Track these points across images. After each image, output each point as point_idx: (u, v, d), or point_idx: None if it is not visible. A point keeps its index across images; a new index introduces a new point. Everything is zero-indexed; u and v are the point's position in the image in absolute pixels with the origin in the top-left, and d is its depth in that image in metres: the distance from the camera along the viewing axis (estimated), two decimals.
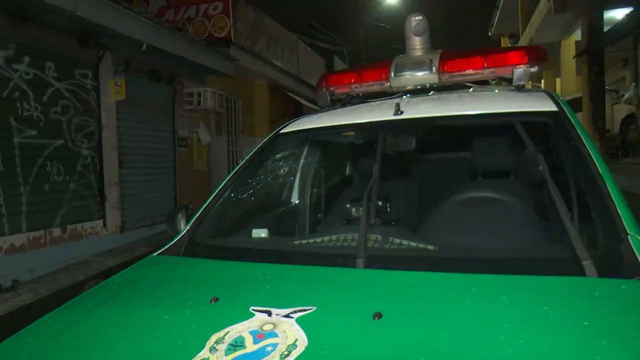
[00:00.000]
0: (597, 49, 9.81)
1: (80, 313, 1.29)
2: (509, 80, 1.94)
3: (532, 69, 1.88)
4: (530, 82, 1.98)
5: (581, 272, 1.14)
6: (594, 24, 9.96)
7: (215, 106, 8.10)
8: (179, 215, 1.88)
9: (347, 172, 3.09)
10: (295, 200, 2.60)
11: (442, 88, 2.16)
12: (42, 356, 1.11)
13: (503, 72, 1.92)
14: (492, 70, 1.93)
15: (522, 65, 1.87)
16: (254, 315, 1.10)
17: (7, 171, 4.84)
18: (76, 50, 5.68)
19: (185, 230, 1.79)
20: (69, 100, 5.62)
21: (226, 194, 1.92)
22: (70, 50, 5.60)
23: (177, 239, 1.77)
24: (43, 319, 1.30)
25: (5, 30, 4.83)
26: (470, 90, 2.13)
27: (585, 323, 0.97)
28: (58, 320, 1.28)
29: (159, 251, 1.74)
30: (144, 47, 6.09)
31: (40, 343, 1.16)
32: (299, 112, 10.67)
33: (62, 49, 5.50)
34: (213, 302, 1.20)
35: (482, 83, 2.13)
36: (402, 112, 1.81)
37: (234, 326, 1.07)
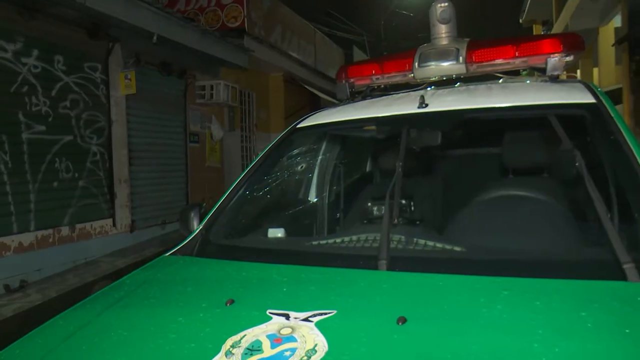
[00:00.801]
0: (638, 36, 9.60)
1: (91, 314, 1.32)
2: (542, 71, 1.92)
3: (568, 58, 1.86)
4: (565, 72, 1.97)
5: (622, 277, 1.13)
6: (635, 9, 9.73)
7: (229, 100, 8.18)
8: (192, 214, 1.91)
9: (368, 168, 3.07)
10: (313, 198, 2.62)
11: (469, 79, 2.15)
12: (53, 358, 1.13)
13: (536, 61, 1.90)
14: (524, 59, 1.92)
15: (556, 54, 1.85)
16: (271, 318, 1.11)
17: (15, 168, 4.96)
18: (85, 42, 5.78)
19: (198, 230, 1.81)
20: (77, 94, 5.73)
21: (240, 191, 1.94)
22: (79, 43, 5.71)
23: (189, 238, 1.80)
24: (53, 320, 1.33)
25: (14, 23, 4.94)
26: (500, 81, 2.12)
27: (627, 331, 0.96)
28: (69, 321, 1.31)
29: (171, 251, 1.76)
30: (155, 38, 6.17)
31: (50, 345, 1.18)
32: (316, 105, 10.70)
33: (71, 41, 5.60)
34: (228, 305, 1.21)
35: (513, 74, 2.12)
36: (426, 105, 1.81)
37: (250, 330, 1.07)
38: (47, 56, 5.33)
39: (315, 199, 2.61)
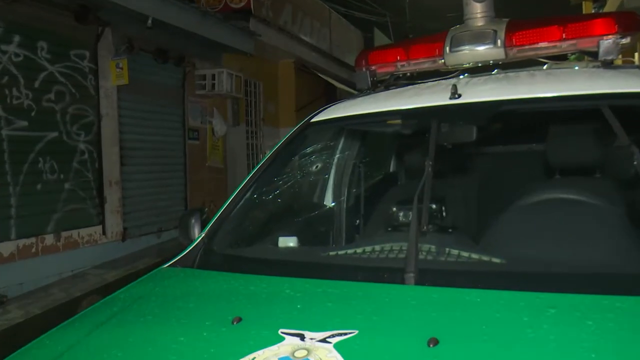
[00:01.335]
0: None
1: (81, 333, 1.33)
2: (594, 55, 1.91)
3: (623, 40, 1.84)
4: (620, 56, 1.98)
5: None
6: None
7: (233, 91, 8.23)
8: (193, 220, 1.93)
9: (392, 168, 3.08)
10: (329, 202, 2.62)
11: (509, 65, 2.15)
12: None
13: (586, 44, 1.90)
14: (572, 42, 1.91)
15: (610, 36, 1.83)
16: (283, 339, 1.12)
17: None
18: (72, 27, 5.87)
19: (200, 238, 1.83)
20: (63, 85, 5.81)
21: (247, 195, 1.96)
22: (65, 27, 5.79)
23: (190, 248, 1.81)
24: (39, 341, 1.35)
25: None
26: (545, 67, 2.11)
27: None
28: (56, 341, 1.33)
29: (170, 262, 1.78)
30: (150, 22, 6.23)
31: None
32: (332, 96, 10.70)
33: (56, 26, 5.69)
34: (235, 323, 1.22)
35: (560, 58, 2.10)
36: (459, 96, 1.81)
37: (260, 351, 1.08)
38: (30, 43, 5.42)
39: (332, 204, 2.62)
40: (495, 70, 2.14)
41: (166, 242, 7.04)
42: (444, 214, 1.76)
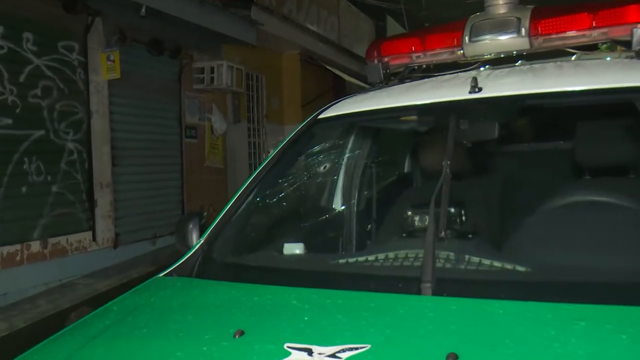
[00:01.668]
0: None
1: (71, 347, 1.34)
2: (627, 44, 1.91)
3: None
4: None
5: None
6: None
7: (233, 85, 8.25)
8: (191, 226, 1.92)
9: (407, 169, 3.08)
10: (338, 206, 2.61)
11: (534, 56, 2.14)
12: None
13: (618, 32, 1.91)
14: (604, 30, 1.92)
15: None
16: (289, 354, 1.12)
17: None
18: (60, 17, 5.89)
19: (199, 245, 1.83)
20: (50, 80, 5.84)
21: (250, 198, 1.96)
22: (52, 17, 5.82)
23: (188, 255, 1.82)
24: (25, 356, 1.36)
25: None
26: (573, 58, 2.10)
27: None
28: (45, 356, 1.34)
29: (166, 271, 1.78)
30: (143, 10, 6.25)
31: None
32: (341, 90, 10.70)
33: (43, 15, 5.71)
34: (237, 337, 1.22)
35: (590, 48, 2.09)
36: (480, 89, 1.80)
37: None
38: (14, 34, 5.45)
39: (342, 207, 2.60)
40: (519, 62, 2.13)
41: (162, 249, 7.04)
42: (463, 218, 1.77)
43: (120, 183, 6.74)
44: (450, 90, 1.89)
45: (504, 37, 2.00)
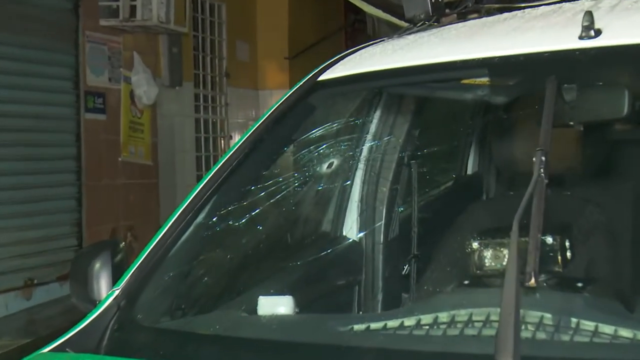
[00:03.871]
0: None
1: None
2: None
3: None
4: None
5: None
6: None
7: (170, 21, 6.24)
8: (97, 266, 1.64)
9: (470, 168, 2.80)
10: (352, 231, 2.20)
11: None
12: None
13: None
14: None
15: None
16: None
17: None
18: None
19: (112, 298, 1.54)
20: None
21: (200, 218, 1.65)
22: None
23: (93, 316, 1.52)
24: None
25: None
26: None
27: None
28: None
29: (54, 344, 1.47)
30: None
31: None
32: (360, 32, 8.46)
33: None
34: None
35: None
36: (599, 33, 1.47)
37: None
38: None
39: (359, 234, 2.20)
40: None
41: (43, 307, 5.43)
42: (568, 253, 1.54)
43: None
44: (545, 33, 1.59)
45: None
